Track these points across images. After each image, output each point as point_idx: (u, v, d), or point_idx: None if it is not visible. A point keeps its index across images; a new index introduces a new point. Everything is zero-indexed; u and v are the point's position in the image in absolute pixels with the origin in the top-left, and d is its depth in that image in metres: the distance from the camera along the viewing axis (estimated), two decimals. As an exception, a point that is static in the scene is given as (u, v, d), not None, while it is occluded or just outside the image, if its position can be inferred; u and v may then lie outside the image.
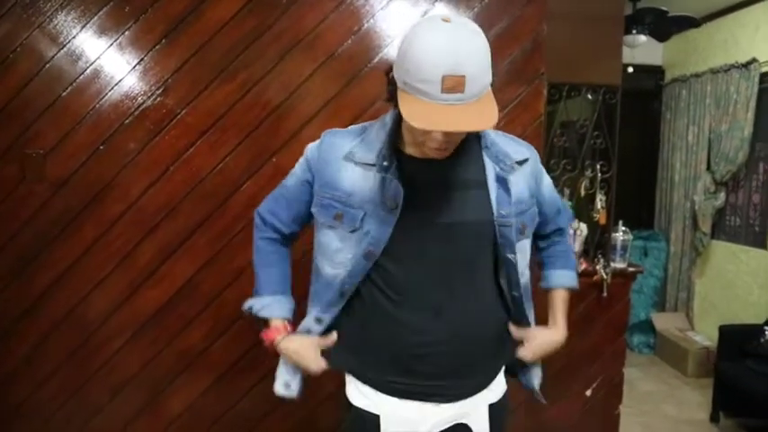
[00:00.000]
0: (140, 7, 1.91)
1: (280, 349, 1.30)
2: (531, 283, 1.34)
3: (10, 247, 1.96)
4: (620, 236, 2.63)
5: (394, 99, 1.09)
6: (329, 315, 1.26)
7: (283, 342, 1.29)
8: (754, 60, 3.71)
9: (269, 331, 1.31)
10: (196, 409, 2.08)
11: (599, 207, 2.52)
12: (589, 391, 2.46)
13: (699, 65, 4.26)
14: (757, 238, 3.91)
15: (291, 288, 1.37)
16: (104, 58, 1.92)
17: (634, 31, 3.67)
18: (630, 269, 2.58)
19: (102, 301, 2.01)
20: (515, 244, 1.22)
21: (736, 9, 3.93)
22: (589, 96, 2.51)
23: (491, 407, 1.25)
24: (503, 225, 1.20)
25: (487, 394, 1.26)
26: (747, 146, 3.81)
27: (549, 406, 1.42)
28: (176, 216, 1.99)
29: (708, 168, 4.16)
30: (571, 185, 2.57)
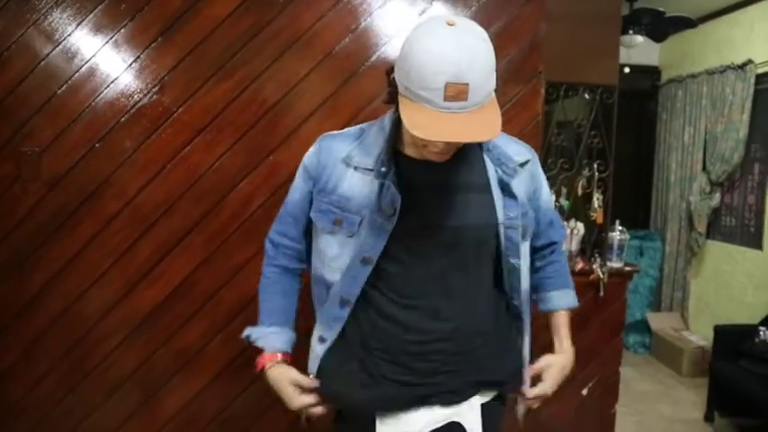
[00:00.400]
0: (136, 5, 1.89)
1: (266, 377, 1.29)
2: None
3: (6, 245, 1.95)
4: (617, 235, 2.63)
5: (394, 101, 1.07)
6: (332, 333, 1.24)
7: (269, 371, 1.28)
8: (749, 62, 3.72)
9: (261, 358, 1.29)
10: (192, 408, 2.08)
11: (596, 206, 2.52)
12: (585, 391, 2.46)
13: (695, 66, 4.28)
14: (752, 238, 3.92)
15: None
16: (100, 55, 1.91)
17: (631, 32, 3.68)
18: (627, 269, 2.58)
19: (99, 300, 2.00)
20: (520, 247, 1.22)
21: (732, 10, 3.94)
22: (586, 96, 2.52)
23: (483, 406, 1.24)
24: (509, 227, 1.19)
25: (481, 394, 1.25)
26: (743, 147, 3.82)
27: (545, 405, 1.42)
28: (173, 214, 1.98)
29: (703, 169, 4.17)
30: (568, 184, 2.57)
